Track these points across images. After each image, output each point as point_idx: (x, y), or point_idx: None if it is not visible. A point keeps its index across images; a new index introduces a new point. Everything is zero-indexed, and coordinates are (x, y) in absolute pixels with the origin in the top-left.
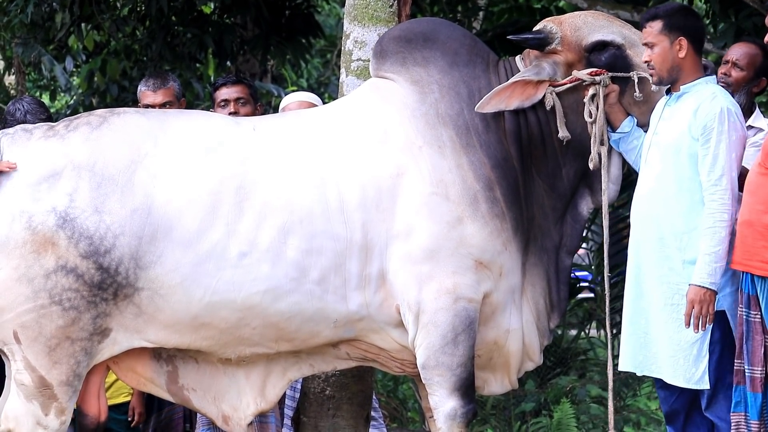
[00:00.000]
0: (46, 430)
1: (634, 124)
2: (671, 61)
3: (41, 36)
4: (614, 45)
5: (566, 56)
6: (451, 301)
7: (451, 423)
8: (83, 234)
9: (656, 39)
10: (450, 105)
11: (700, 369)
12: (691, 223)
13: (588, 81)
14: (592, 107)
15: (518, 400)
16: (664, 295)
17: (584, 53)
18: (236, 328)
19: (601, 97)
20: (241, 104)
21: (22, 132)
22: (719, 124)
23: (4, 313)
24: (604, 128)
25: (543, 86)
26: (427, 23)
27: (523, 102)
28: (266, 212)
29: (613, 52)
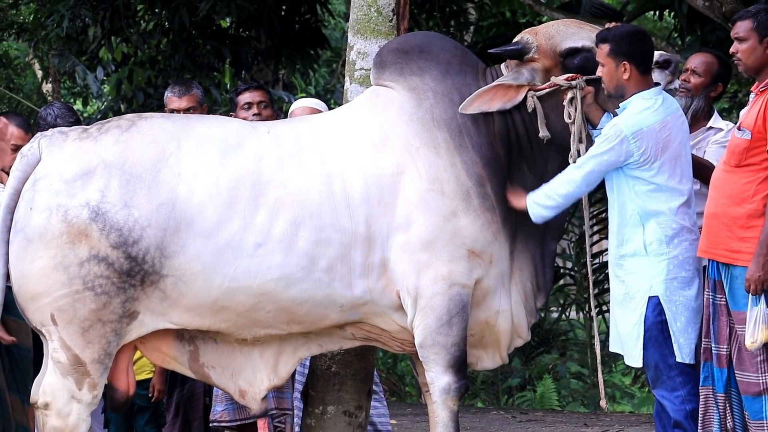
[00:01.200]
0: (80, 404)
1: (611, 118)
2: (616, 81)
3: (75, 48)
4: (585, 49)
5: (543, 63)
6: (446, 287)
7: (445, 396)
8: (114, 226)
9: (604, 60)
10: (444, 110)
11: (637, 349)
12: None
13: (565, 86)
14: (571, 109)
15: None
16: (614, 284)
17: (559, 59)
18: (252, 312)
19: (578, 99)
20: (263, 107)
21: (59, 134)
22: (605, 132)
23: (42, 297)
24: (582, 127)
25: (523, 90)
26: (422, 37)
27: (505, 104)
28: (279, 207)
29: (584, 56)
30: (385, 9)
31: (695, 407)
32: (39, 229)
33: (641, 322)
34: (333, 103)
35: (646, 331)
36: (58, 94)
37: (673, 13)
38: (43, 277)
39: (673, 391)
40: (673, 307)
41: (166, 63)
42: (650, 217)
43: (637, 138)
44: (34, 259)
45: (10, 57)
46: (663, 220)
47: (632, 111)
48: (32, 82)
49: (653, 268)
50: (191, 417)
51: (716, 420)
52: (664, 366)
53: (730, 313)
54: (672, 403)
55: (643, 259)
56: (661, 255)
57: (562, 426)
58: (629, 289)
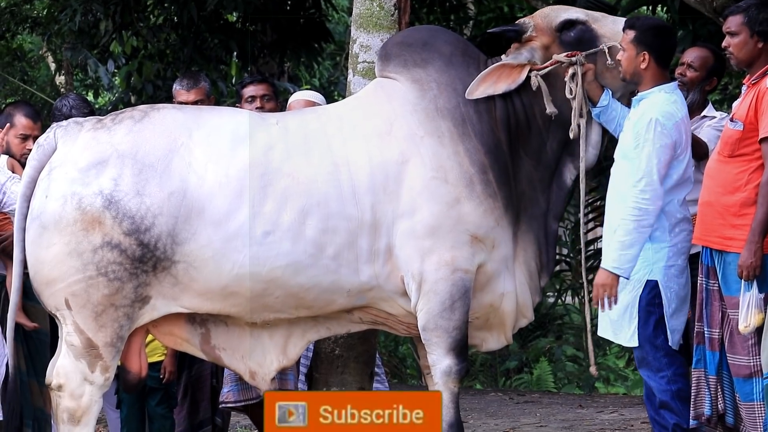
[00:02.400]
0: (92, 385)
1: (609, 96)
2: (633, 68)
3: (87, 41)
4: (580, 22)
5: (541, 40)
6: (449, 272)
7: (446, 378)
8: (126, 214)
9: (626, 45)
10: (447, 100)
11: (631, 329)
12: None
13: (566, 62)
14: (572, 85)
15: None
16: None
17: (556, 33)
18: (261, 297)
19: (579, 75)
20: (266, 100)
21: (74, 124)
22: (646, 132)
23: (56, 283)
24: (582, 102)
25: (524, 69)
26: (425, 30)
27: (510, 85)
28: (287, 196)
29: (580, 28)
30: (386, 4)
31: (681, 387)
32: (54, 216)
33: (635, 303)
34: (337, 95)
35: (639, 312)
36: (71, 86)
37: (665, 8)
38: (57, 263)
39: (659, 371)
40: (668, 293)
41: (175, 56)
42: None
43: (676, 128)
44: (49, 246)
45: (24, 50)
46: (669, 210)
47: (661, 103)
48: (45, 75)
49: (655, 254)
50: (199, 398)
51: (708, 401)
52: (651, 347)
53: (723, 298)
54: (657, 383)
55: (646, 243)
56: (663, 242)
57: (558, 407)
58: None
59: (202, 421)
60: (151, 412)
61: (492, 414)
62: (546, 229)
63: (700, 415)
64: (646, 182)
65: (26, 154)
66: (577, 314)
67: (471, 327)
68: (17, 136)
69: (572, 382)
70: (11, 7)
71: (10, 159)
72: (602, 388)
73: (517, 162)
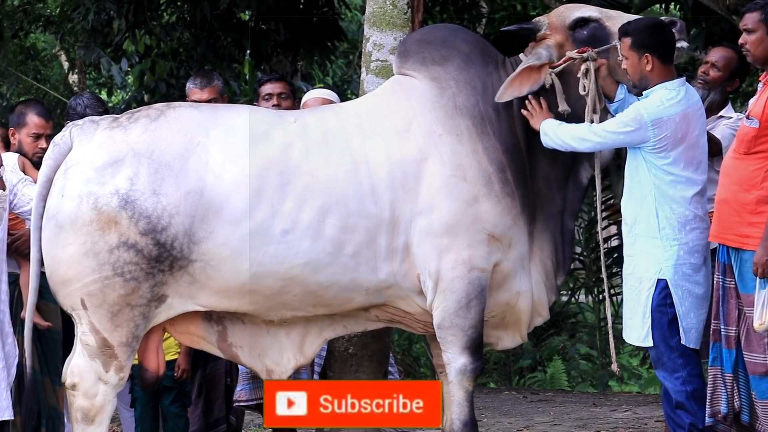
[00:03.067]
0: (106, 385)
1: (625, 91)
2: (640, 72)
3: (100, 40)
4: (593, 19)
5: (555, 38)
6: (466, 271)
7: (461, 377)
8: (142, 214)
9: (627, 53)
10: (466, 98)
11: (644, 330)
12: (638, 208)
13: (578, 58)
14: (586, 81)
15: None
16: (625, 266)
17: (569, 31)
18: (279, 295)
19: (592, 71)
20: (283, 98)
21: (90, 123)
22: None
23: (72, 283)
24: (596, 99)
25: (544, 69)
26: (445, 29)
27: (533, 86)
28: (307, 195)
29: (593, 26)
30: (400, 2)
31: (696, 388)
32: (70, 216)
33: (648, 303)
34: (350, 93)
35: (651, 312)
36: (84, 84)
37: (678, 6)
38: (73, 263)
39: (674, 372)
40: (680, 292)
41: (188, 55)
42: (664, 203)
43: (656, 126)
44: (66, 246)
45: (38, 49)
46: (676, 207)
47: (655, 100)
48: (59, 74)
49: (664, 252)
50: (213, 397)
51: (724, 399)
52: (665, 347)
53: (739, 295)
54: (672, 384)
55: (655, 241)
56: (673, 240)
57: (571, 406)
58: (637, 269)
59: (216, 420)
60: (165, 410)
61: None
62: (562, 228)
63: (716, 412)
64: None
65: (38, 153)
66: (590, 313)
67: (487, 325)
68: (29, 135)
69: (586, 381)
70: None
71: (21, 158)
72: (616, 386)
73: (534, 160)
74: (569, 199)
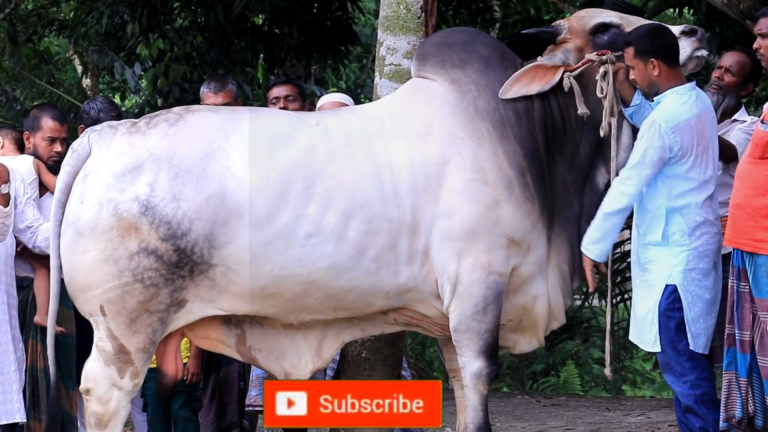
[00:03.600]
0: (121, 391)
1: (642, 97)
2: (648, 79)
3: (114, 44)
4: (613, 25)
5: (575, 42)
6: (484, 275)
7: (476, 381)
8: (163, 220)
9: (632, 62)
10: (487, 102)
11: (653, 334)
12: (649, 218)
13: (597, 60)
14: (603, 83)
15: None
16: (635, 272)
17: (589, 36)
18: (300, 299)
19: (610, 74)
20: (290, 101)
21: (108, 128)
22: (646, 132)
23: (91, 289)
24: (614, 101)
25: (558, 71)
26: (464, 32)
27: (543, 86)
28: (330, 198)
29: (613, 32)
30: (413, 6)
31: (705, 391)
32: (90, 222)
33: (656, 308)
34: (363, 97)
35: (659, 317)
36: (97, 88)
37: (692, 10)
38: (93, 269)
39: (682, 376)
40: (689, 297)
41: (201, 59)
42: (675, 211)
43: (675, 132)
44: (85, 252)
45: (51, 53)
46: (687, 213)
47: (668, 106)
48: (72, 77)
49: (673, 258)
50: (226, 401)
51: (739, 404)
52: (673, 351)
53: (754, 300)
54: (681, 388)
55: (663, 248)
56: (682, 246)
57: (584, 410)
58: (649, 276)
59: (229, 424)
60: (175, 415)
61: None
62: (579, 233)
63: (731, 417)
64: (634, 174)
65: (54, 156)
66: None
67: (504, 329)
68: (44, 138)
69: (599, 385)
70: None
71: (36, 161)
72: (629, 390)
73: (552, 164)
74: (586, 204)
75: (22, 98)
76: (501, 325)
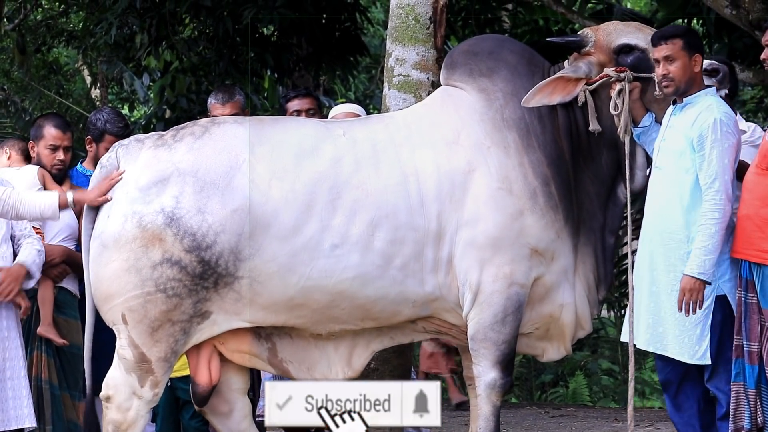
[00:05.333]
0: (140, 400)
1: (653, 119)
2: (690, 73)
3: (122, 55)
4: (639, 49)
5: (598, 57)
6: (506, 286)
7: (490, 391)
8: (187, 231)
9: (677, 54)
10: (513, 111)
11: (703, 347)
12: (691, 219)
13: (614, 77)
14: (618, 100)
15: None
16: (671, 282)
17: (613, 55)
18: (327, 309)
19: (626, 90)
20: (311, 114)
21: (135, 142)
22: (712, 133)
23: (114, 298)
24: (629, 119)
25: (580, 83)
26: (491, 40)
27: (564, 97)
28: (356, 209)
29: (638, 55)
30: (422, 17)
31: None
32: (114, 234)
33: (706, 321)
34: (372, 108)
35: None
36: (106, 99)
37: (701, 21)
38: (116, 278)
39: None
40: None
41: (208, 69)
42: None
43: (736, 128)
44: (109, 263)
45: (60, 63)
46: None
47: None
48: (81, 88)
49: (719, 268)
50: None
51: (747, 415)
52: (722, 360)
53: (762, 311)
54: (727, 395)
55: None
56: (724, 254)
57: (593, 421)
58: None
59: None
60: (185, 424)
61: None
62: (603, 244)
63: (739, 428)
64: (720, 183)
65: (57, 164)
66: (612, 328)
67: (531, 337)
68: (47, 147)
69: (608, 396)
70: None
71: (41, 170)
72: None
73: (577, 173)
74: (608, 216)
75: (31, 109)
76: (528, 334)
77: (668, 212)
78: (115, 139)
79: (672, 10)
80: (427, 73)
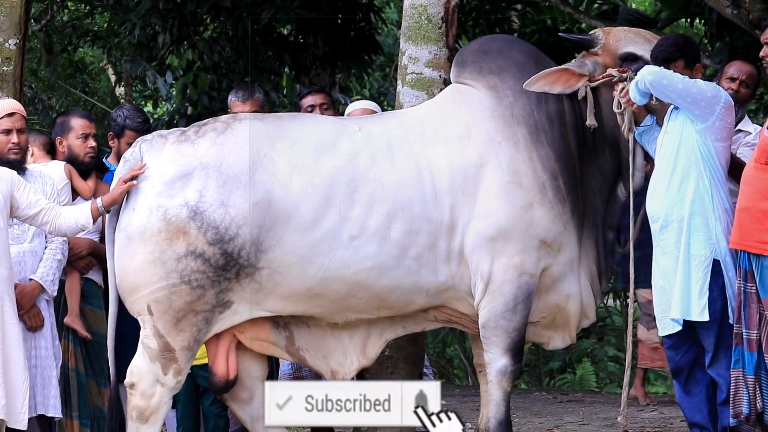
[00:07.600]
0: (164, 387)
1: (654, 120)
2: None
3: (146, 54)
4: (643, 59)
5: (604, 59)
6: (516, 275)
7: (501, 378)
8: (211, 224)
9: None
10: (522, 107)
11: (701, 304)
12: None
13: (617, 77)
14: (621, 99)
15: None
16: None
17: (618, 60)
18: (345, 299)
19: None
20: (324, 109)
21: (158, 138)
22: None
23: (140, 290)
24: (631, 117)
25: (582, 79)
26: (500, 40)
27: (564, 89)
28: (373, 201)
29: (641, 65)
30: (434, 17)
31: None
32: (139, 227)
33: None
34: (386, 105)
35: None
36: (130, 97)
37: (703, 21)
38: (141, 270)
39: (729, 369)
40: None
41: (229, 68)
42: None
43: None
44: (134, 255)
45: (86, 63)
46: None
47: None
48: (106, 86)
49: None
50: None
51: (746, 401)
52: (722, 347)
53: (761, 300)
54: (727, 381)
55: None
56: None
57: (600, 406)
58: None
59: None
60: (205, 411)
61: (536, 413)
62: (604, 238)
63: (738, 413)
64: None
65: (89, 152)
66: (618, 316)
67: (538, 326)
68: (77, 137)
69: (614, 382)
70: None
71: (68, 166)
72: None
73: (583, 167)
74: (609, 211)
75: (58, 106)
76: (535, 323)
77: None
78: (135, 134)
79: (675, 10)
80: (439, 71)
